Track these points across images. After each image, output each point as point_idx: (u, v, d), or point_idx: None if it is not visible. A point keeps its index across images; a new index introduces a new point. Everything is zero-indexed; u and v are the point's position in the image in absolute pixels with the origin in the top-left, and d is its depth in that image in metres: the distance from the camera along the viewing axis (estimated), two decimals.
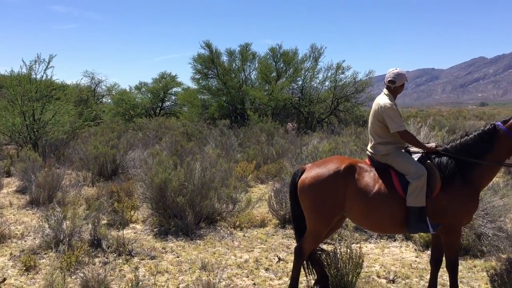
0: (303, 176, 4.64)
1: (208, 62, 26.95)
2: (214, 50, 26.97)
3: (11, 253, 6.12)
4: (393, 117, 4.46)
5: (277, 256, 6.09)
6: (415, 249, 6.42)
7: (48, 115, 17.03)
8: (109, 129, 21.08)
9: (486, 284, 5.15)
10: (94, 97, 36.64)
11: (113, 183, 9.55)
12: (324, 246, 5.61)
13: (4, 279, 5.14)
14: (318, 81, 27.39)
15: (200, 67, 27.29)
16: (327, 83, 27.08)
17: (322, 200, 4.45)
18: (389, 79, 4.61)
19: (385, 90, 4.69)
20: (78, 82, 35.25)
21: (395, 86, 4.61)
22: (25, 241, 6.74)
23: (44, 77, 16.98)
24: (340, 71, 26.29)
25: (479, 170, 4.31)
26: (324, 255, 4.93)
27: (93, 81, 38.35)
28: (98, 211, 6.86)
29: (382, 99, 4.60)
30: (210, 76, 27.59)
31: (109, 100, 37.36)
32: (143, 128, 22.37)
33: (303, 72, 27.20)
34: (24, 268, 5.52)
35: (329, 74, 26.63)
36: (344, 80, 26.38)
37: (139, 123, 24.58)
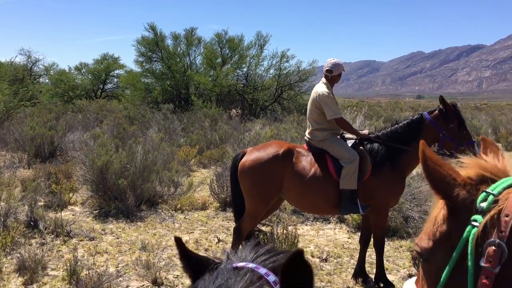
0: (243, 159, 4.80)
1: (152, 45, 26.49)
2: (158, 33, 26.54)
3: None
4: (329, 105, 4.70)
5: (217, 237, 6.25)
6: (348, 231, 6.79)
7: None
8: (46, 110, 20.32)
9: (410, 262, 5.57)
10: (30, 76, 34.99)
11: (51, 165, 9.32)
12: (263, 228, 5.83)
13: None
14: (263, 68, 27.68)
15: (144, 50, 26.77)
16: (271, 71, 27.43)
17: (261, 182, 4.64)
18: (326, 68, 4.85)
19: (323, 79, 4.93)
20: (12, 60, 33.57)
21: (332, 75, 4.85)
22: None
23: None
24: (284, 59, 26.70)
25: (406, 156, 4.65)
26: (261, 235, 5.15)
27: (29, 59, 36.50)
28: (35, 192, 6.71)
29: (320, 88, 4.83)
30: (154, 59, 27.15)
31: (47, 80, 35.82)
32: (83, 110, 21.74)
33: (248, 59, 27.37)
34: None
35: (273, 62, 26.99)
36: (288, 68, 26.83)
37: (79, 105, 23.84)
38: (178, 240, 1.01)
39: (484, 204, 1.16)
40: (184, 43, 27.31)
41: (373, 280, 4.91)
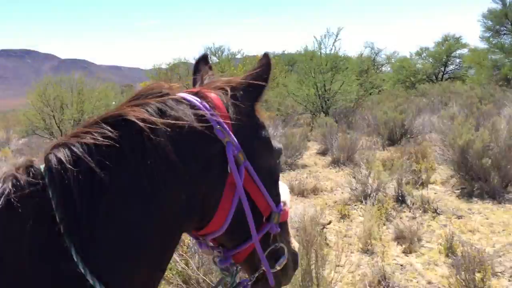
0: None
1: (500, 17, 24.11)
2: (507, 3, 23.93)
3: (326, 203, 6.95)
4: None
5: None
6: None
7: (336, 86, 18.36)
8: (392, 97, 21.30)
9: None
10: (374, 66, 37.34)
11: (407, 146, 9.68)
12: None
13: (330, 222, 5.88)
14: None
15: (491, 24, 24.65)
16: None
17: None
18: None
19: None
20: (361, 53, 36.49)
21: None
22: (335, 194, 7.53)
23: (332, 50, 18.33)
24: None
25: None
26: None
27: (372, 51, 39.06)
28: (400, 170, 7.07)
29: None
30: (502, 32, 24.69)
31: (389, 69, 37.52)
32: (426, 94, 21.77)
33: None
34: (340, 216, 6.19)
35: None
36: None
37: (421, 89, 24.00)
38: None
39: None
40: None
41: None
